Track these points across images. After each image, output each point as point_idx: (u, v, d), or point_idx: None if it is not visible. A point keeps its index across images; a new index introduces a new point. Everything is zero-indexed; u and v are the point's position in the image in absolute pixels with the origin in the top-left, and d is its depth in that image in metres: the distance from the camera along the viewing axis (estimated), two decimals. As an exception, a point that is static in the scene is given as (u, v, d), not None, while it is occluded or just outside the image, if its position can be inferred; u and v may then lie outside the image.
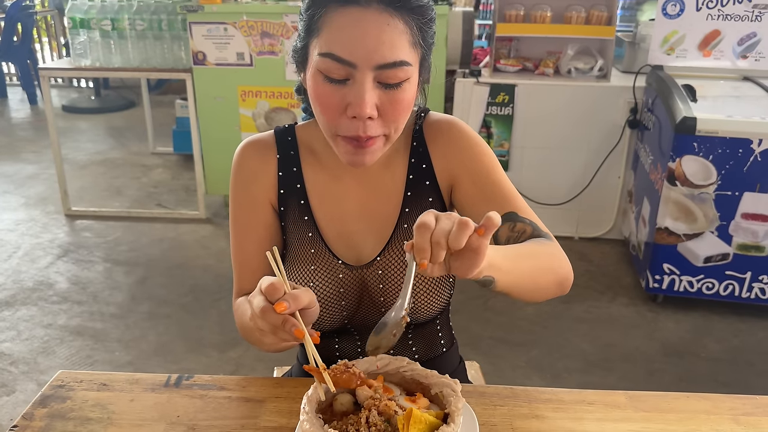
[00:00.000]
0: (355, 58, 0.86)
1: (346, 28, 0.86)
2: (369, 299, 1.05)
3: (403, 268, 1.02)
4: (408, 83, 0.90)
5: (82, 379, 0.98)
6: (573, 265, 1.03)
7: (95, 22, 3.49)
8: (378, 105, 0.89)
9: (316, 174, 1.06)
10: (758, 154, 2.58)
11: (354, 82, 0.87)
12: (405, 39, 0.87)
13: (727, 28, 3.03)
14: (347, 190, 1.05)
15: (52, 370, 2.43)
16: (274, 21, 3.33)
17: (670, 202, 2.71)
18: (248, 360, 2.49)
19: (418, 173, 1.05)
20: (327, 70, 0.88)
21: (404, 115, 0.93)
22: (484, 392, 0.97)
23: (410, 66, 0.89)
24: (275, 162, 1.06)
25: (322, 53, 0.88)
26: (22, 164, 4.73)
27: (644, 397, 0.96)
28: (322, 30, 0.88)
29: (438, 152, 1.05)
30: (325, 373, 0.81)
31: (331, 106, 0.90)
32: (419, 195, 1.05)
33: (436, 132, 1.06)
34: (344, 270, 1.04)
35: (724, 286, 2.80)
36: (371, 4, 0.85)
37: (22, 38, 6.48)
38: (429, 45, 0.93)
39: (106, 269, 3.20)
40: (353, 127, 0.89)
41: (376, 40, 0.85)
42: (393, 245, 1.03)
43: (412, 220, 1.04)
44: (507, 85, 3.28)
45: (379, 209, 1.05)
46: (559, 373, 2.45)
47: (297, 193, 1.06)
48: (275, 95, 3.48)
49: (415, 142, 1.06)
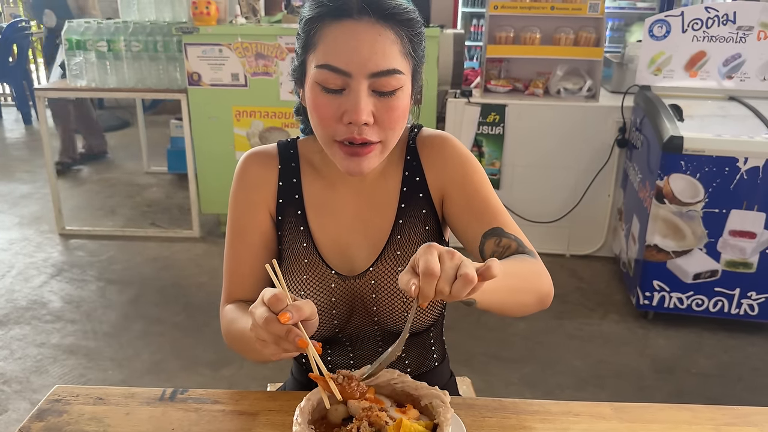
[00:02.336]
0: (350, 68, 0.91)
1: (341, 40, 0.91)
2: (361, 309, 1.07)
3: (394, 279, 1.05)
4: (401, 91, 0.95)
5: (78, 393, 0.99)
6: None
7: (91, 43, 3.54)
8: (374, 112, 0.93)
9: (314, 185, 1.09)
10: (744, 173, 2.63)
11: (350, 91, 0.92)
12: (396, 48, 0.93)
13: (712, 50, 3.10)
14: (343, 202, 1.09)
15: (45, 389, 2.43)
16: (269, 42, 3.38)
17: (658, 220, 2.75)
18: (241, 378, 2.50)
19: (412, 186, 1.09)
20: (324, 80, 0.93)
21: (400, 123, 0.97)
22: (473, 404, 0.99)
23: (402, 74, 0.94)
24: (277, 172, 1.10)
25: (319, 65, 0.93)
26: (16, 184, 4.74)
27: (629, 408, 0.98)
28: (318, 44, 0.93)
29: (431, 166, 1.09)
30: (331, 381, 0.83)
31: (329, 115, 0.94)
32: (413, 207, 1.08)
33: (429, 147, 1.10)
34: (336, 280, 1.06)
35: (714, 302, 2.83)
36: (363, 16, 0.91)
37: (18, 59, 6.52)
38: (420, 57, 0.99)
39: (99, 288, 3.21)
40: (349, 130, 0.94)
41: (370, 50, 0.91)
42: (386, 256, 1.06)
43: (405, 232, 1.07)
44: (498, 105, 3.33)
45: (373, 220, 1.08)
46: (552, 390, 2.46)
47: (294, 204, 1.09)
48: (269, 115, 3.52)
49: (408, 156, 1.10)
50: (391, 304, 1.05)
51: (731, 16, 3.02)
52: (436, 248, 0.76)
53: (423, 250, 0.76)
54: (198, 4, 3.37)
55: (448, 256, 0.76)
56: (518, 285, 0.94)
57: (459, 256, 0.76)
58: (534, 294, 0.97)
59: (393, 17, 0.92)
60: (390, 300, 1.04)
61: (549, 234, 3.50)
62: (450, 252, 0.76)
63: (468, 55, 5.47)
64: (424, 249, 0.76)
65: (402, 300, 1.04)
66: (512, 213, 3.45)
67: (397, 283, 1.04)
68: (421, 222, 1.08)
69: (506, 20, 3.39)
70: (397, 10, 0.93)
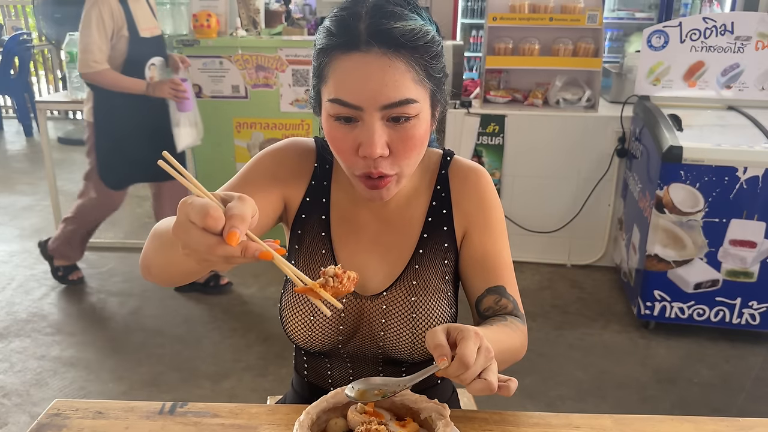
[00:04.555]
0: (360, 102, 0.89)
1: (351, 74, 0.90)
2: (367, 330, 1.06)
3: (406, 307, 1.04)
4: (417, 119, 0.92)
5: (77, 407, 0.99)
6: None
7: (92, 56, 3.54)
8: (389, 143, 0.92)
9: (342, 195, 1.09)
10: (744, 182, 2.63)
11: (363, 124, 0.91)
12: (408, 78, 0.90)
13: (710, 60, 3.11)
14: (366, 219, 1.08)
15: (44, 402, 2.42)
16: (269, 54, 3.40)
17: (659, 230, 2.75)
18: (241, 391, 2.49)
19: (438, 217, 1.08)
20: (337, 114, 0.92)
21: (417, 152, 0.96)
22: (474, 417, 0.98)
23: (417, 103, 0.91)
24: (312, 169, 1.10)
25: (330, 99, 0.92)
26: (17, 196, 4.75)
27: (629, 420, 0.98)
28: (329, 77, 0.92)
29: (460, 200, 1.08)
30: (320, 290, 0.75)
31: (345, 148, 0.94)
32: (435, 239, 1.07)
33: (462, 179, 1.09)
34: (348, 296, 1.05)
35: (715, 312, 2.82)
36: (372, 48, 0.88)
37: (19, 71, 6.55)
38: (438, 79, 0.96)
39: (99, 300, 3.20)
40: (366, 165, 0.93)
41: (379, 82, 0.89)
42: (401, 283, 1.05)
43: (424, 262, 1.06)
44: (497, 116, 3.34)
45: (394, 245, 1.07)
46: (553, 401, 2.45)
47: (320, 207, 1.08)
48: (270, 126, 3.53)
49: (438, 186, 1.09)
50: (399, 331, 1.03)
51: (729, 26, 3.04)
52: (480, 338, 0.80)
53: (467, 333, 0.80)
54: (198, 17, 3.40)
55: (483, 353, 0.80)
56: (506, 357, 0.98)
57: (492, 356, 0.81)
58: (511, 359, 1.02)
59: (403, 46, 0.89)
60: (398, 327, 1.04)
61: (549, 244, 3.50)
62: (487, 350, 0.80)
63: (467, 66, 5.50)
64: (468, 332, 0.80)
65: (410, 330, 1.03)
66: (513, 223, 3.45)
67: (407, 312, 1.03)
68: (441, 255, 1.07)
69: (505, 31, 3.41)
70: (407, 39, 0.89)
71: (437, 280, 1.06)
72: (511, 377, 0.84)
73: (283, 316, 1.06)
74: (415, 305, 1.03)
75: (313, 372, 1.14)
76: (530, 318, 3.00)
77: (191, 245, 0.67)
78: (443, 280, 1.06)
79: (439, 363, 0.78)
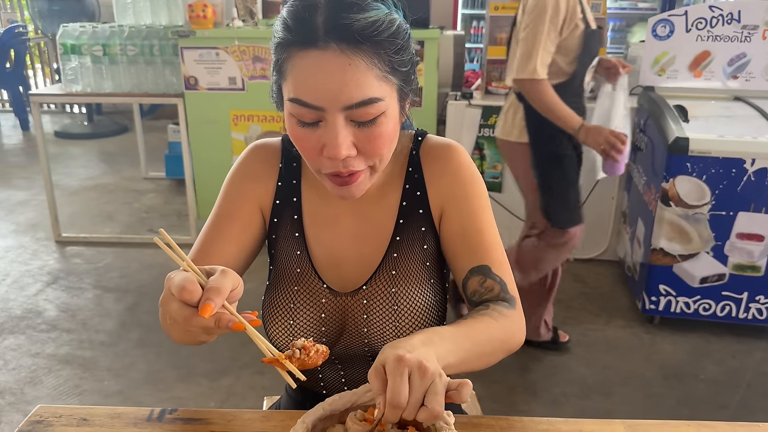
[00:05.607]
0: (321, 103, 0.83)
1: (309, 73, 0.83)
2: (352, 329, 1.01)
3: (388, 300, 0.99)
4: (384, 117, 0.86)
5: (61, 413, 0.94)
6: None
7: (86, 47, 3.49)
8: (355, 143, 0.86)
9: (312, 192, 1.04)
10: (751, 174, 2.57)
11: (326, 124, 0.85)
12: (371, 75, 0.83)
13: (717, 49, 3.05)
14: (340, 214, 1.03)
15: (38, 400, 2.37)
16: (266, 46, 3.34)
17: (664, 223, 2.70)
18: (239, 388, 2.44)
19: (412, 201, 1.02)
20: (298, 114, 0.86)
21: (387, 148, 0.90)
22: (479, 423, 0.93)
23: (382, 101, 0.85)
24: (277, 171, 1.04)
25: (290, 98, 0.86)
26: (13, 190, 4.69)
27: (643, 426, 0.93)
28: (288, 74, 0.85)
29: (433, 180, 1.02)
30: (287, 361, 0.76)
31: (309, 148, 0.88)
32: (411, 224, 1.02)
33: (433, 157, 1.03)
34: (328, 295, 1.01)
35: (721, 306, 2.77)
36: (329, 45, 0.81)
37: (15, 64, 6.49)
38: (405, 72, 0.89)
39: (96, 296, 3.15)
40: (333, 165, 0.87)
41: (340, 82, 0.82)
42: (380, 275, 1.00)
43: (402, 250, 1.01)
44: (499, 107, 3.27)
45: (370, 236, 1.02)
46: (557, 399, 2.41)
47: (292, 207, 1.04)
48: (267, 119, 3.47)
49: (411, 168, 1.03)
50: (383, 326, 0.99)
51: (736, 15, 2.98)
52: (407, 364, 0.72)
53: (392, 365, 0.72)
54: (194, 7, 3.33)
55: (418, 376, 0.72)
56: (485, 349, 0.90)
57: (430, 374, 0.72)
58: (501, 351, 0.94)
59: (364, 41, 0.81)
60: (381, 322, 0.99)
61: (552, 238, 3.44)
62: (421, 369, 0.72)
63: (468, 57, 5.43)
64: (393, 363, 0.72)
65: (393, 324, 0.98)
66: (514, 216, 3.40)
67: (388, 305, 0.98)
68: (419, 240, 1.01)
69: (507, 21, 3.32)
70: (369, 33, 0.81)
71: (418, 267, 1.01)
72: (465, 379, 0.75)
73: (265, 322, 1.02)
74: (396, 296, 0.98)
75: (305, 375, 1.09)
76: (533, 313, 2.95)
77: (173, 316, 0.72)
78: (424, 267, 1.01)
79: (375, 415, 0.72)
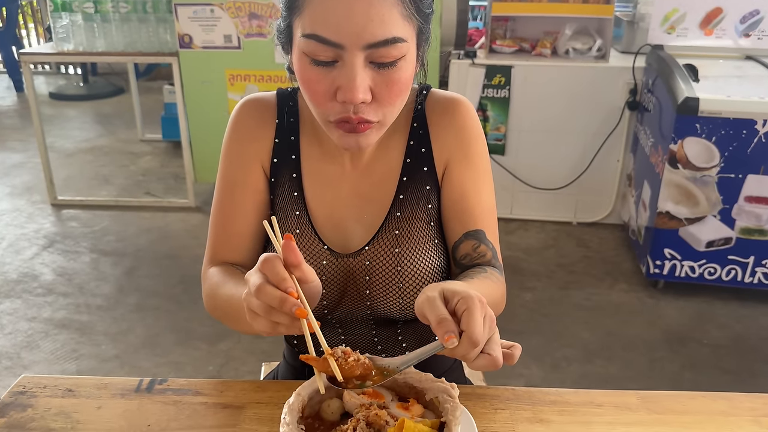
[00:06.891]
0: (342, 39, 0.77)
1: (329, 6, 0.77)
2: (354, 291, 0.97)
3: (390, 260, 0.94)
4: (404, 61, 0.81)
5: (45, 384, 0.90)
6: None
7: (77, 4, 3.38)
8: (372, 87, 0.81)
9: (312, 148, 0.98)
10: (762, 135, 2.50)
11: (343, 64, 0.79)
12: (396, 12, 0.78)
13: (729, 6, 2.94)
14: (341, 172, 0.98)
15: (35, 365, 2.35)
16: (262, 2, 3.22)
17: (671, 186, 2.64)
18: (238, 352, 2.42)
19: (416, 158, 0.97)
20: (313, 52, 0.79)
21: (401, 97, 0.85)
22: (484, 394, 0.89)
23: (405, 42, 0.80)
24: (274, 126, 0.99)
25: (305, 34, 0.79)
26: (8, 153, 4.62)
27: (657, 397, 0.88)
28: (304, 8, 0.79)
29: (439, 134, 0.98)
30: (331, 359, 0.71)
31: (321, 92, 0.82)
32: (415, 181, 0.97)
33: (439, 112, 0.98)
34: (329, 257, 0.96)
35: (727, 271, 2.73)
36: None
37: (7, 24, 6.33)
38: (426, 15, 0.84)
39: (92, 260, 3.11)
40: (344, 109, 0.82)
41: (364, 17, 0.76)
42: (383, 235, 0.95)
43: (405, 209, 0.96)
44: (503, 67, 3.19)
45: (373, 195, 0.97)
46: (559, 363, 2.38)
47: (290, 165, 0.98)
48: (264, 79, 3.38)
49: (415, 123, 0.98)
50: (386, 288, 0.94)
51: (751, -31, 2.86)
52: (484, 307, 0.69)
53: (472, 303, 0.68)
54: (187, -38, 3.20)
55: (488, 324, 0.70)
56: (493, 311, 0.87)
57: (494, 325, 0.71)
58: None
59: None
60: (384, 284, 0.94)
61: (556, 201, 3.39)
62: (491, 319, 0.71)
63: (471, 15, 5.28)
64: (473, 302, 0.68)
65: (397, 285, 0.94)
66: (518, 180, 3.34)
67: (391, 266, 0.93)
68: (424, 199, 0.97)
69: (512, -23, 3.22)
70: None
71: (422, 227, 0.96)
72: (515, 343, 0.75)
73: None
74: (399, 257, 0.94)
75: (303, 341, 1.04)
76: (535, 277, 2.92)
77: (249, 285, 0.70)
78: (428, 226, 0.97)
79: (447, 342, 0.67)
